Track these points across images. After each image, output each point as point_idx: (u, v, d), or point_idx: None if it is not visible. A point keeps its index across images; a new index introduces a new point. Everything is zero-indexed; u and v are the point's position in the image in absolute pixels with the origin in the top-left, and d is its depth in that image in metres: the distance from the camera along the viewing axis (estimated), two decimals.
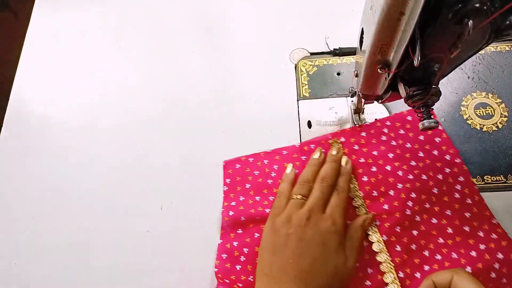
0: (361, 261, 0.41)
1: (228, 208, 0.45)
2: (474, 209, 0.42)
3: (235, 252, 0.43)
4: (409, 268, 0.40)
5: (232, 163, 0.48)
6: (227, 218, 0.45)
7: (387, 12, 0.25)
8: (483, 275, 0.39)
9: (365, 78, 0.36)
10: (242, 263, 0.42)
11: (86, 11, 0.62)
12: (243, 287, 0.41)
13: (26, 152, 0.51)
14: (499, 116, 0.48)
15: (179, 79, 0.55)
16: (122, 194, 0.48)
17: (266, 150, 0.49)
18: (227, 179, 0.48)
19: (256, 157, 0.49)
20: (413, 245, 0.41)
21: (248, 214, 0.44)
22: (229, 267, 0.42)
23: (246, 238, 0.43)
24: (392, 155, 0.45)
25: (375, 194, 0.44)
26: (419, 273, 0.40)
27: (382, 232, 0.42)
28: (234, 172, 0.48)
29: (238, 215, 0.44)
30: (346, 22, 0.57)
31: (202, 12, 0.61)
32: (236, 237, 0.44)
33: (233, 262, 0.42)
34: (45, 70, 0.57)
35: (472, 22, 0.21)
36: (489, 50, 0.52)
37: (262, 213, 0.44)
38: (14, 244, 0.46)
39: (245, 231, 0.44)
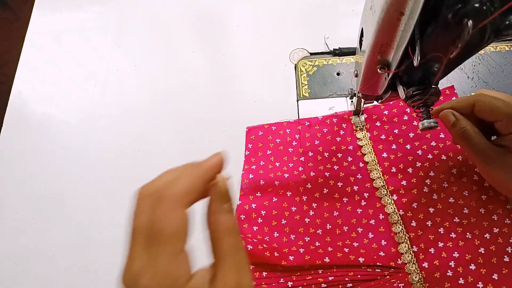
0: (376, 233, 0.42)
1: (248, 171, 0.47)
2: (491, 193, 0.43)
3: (253, 214, 0.44)
4: (423, 243, 0.41)
5: (255, 129, 0.50)
6: (247, 181, 0.46)
7: (386, 12, 0.25)
8: (497, 258, 0.39)
9: (364, 78, 0.36)
10: (259, 224, 0.44)
11: (86, 11, 0.62)
12: (257, 243, 0.42)
13: (26, 152, 0.51)
14: None
15: (179, 79, 0.55)
16: (122, 194, 0.48)
17: (289, 119, 0.51)
18: (250, 144, 0.50)
19: (278, 126, 0.50)
20: (428, 222, 0.42)
21: (267, 178, 0.46)
22: (246, 227, 0.44)
23: (264, 201, 0.45)
24: (412, 135, 0.47)
25: (394, 171, 0.45)
26: (433, 249, 0.41)
27: (399, 207, 0.43)
28: (256, 138, 0.50)
29: (257, 179, 0.46)
30: (346, 22, 0.57)
31: (202, 12, 0.61)
32: (254, 200, 0.45)
33: (251, 223, 0.44)
34: (45, 70, 0.57)
35: (472, 22, 0.21)
36: (489, 50, 0.52)
37: (281, 178, 0.46)
38: (14, 244, 0.46)
39: (263, 195, 0.46)
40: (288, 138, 0.49)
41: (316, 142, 0.48)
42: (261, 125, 0.51)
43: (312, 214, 0.44)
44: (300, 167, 0.47)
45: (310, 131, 0.49)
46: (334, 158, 0.47)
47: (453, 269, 0.39)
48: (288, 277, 0.40)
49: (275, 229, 0.44)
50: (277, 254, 0.41)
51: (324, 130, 0.49)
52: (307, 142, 0.48)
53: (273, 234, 0.43)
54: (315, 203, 0.45)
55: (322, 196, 0.45)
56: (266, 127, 0.50)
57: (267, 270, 0.41)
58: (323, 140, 0.48)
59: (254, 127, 0.51)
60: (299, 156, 0.48)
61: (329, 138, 0.48)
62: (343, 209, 0.44)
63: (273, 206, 0.45)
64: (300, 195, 0.45)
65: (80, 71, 0.57)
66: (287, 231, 0.44)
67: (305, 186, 0.46)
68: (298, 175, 0.46)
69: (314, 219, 0.44)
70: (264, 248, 0.41)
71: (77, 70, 0.57)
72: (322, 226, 0.43)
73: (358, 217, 0.44)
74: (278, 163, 0.48)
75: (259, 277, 0.41)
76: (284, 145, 0.49)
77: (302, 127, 0.50)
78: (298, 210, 0.45)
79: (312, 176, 0.46)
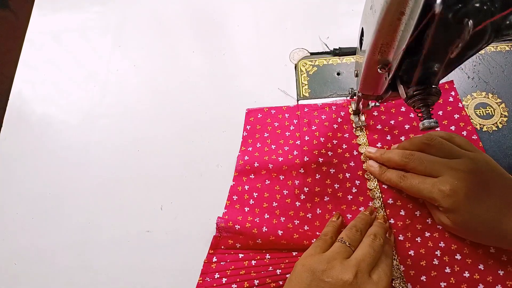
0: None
1: (244, 153, 0.48)
2: None
3: (245, 195, 0.46)
4: (410, 232, 0.42)
5: (255, 112, 0.51)
6: (242, 162, 0.47)
7: (387, 12, 0.26)
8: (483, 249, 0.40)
9: (365, 78, 0.36)
10: (251, 206, 0.45)
11: (86, 11, 0.62)
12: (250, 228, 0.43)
13: (26, 152, 0.51)
14: (499, 116, 0.48)
15: (179, 79, 0.55)
16: (122, 194, 0.48)
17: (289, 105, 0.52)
18: (248, 125, 0.51)
19: (278, 110, 0.51)
20: (417, 212, 0.42)
21: (262, 161, 0.47)
22: (238, 208, 0.45)
23: (257, 184, 0.46)
24: (408, 127, 0.48)
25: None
26: (419, 238, 0.41)
27: (388, 196, 0.44)
28: (255, 120, 0.51)
29: (252, 161, 0.47)
30: (346, 22, 0.57)
31: (202, 12, 0.61)
32: (248, 181, 0.47)
33: (243, 204, 0.45)
34: (45, 70, 0.57)
35: (472, 22, 0.21)
36: (489, 50, 0.52)
37: (275, 162, 0.47)
38: (14, 244, 0.46)
39: (257, 177, 0.47)
40: (286, 122, 0.50)
41: (313, 128, 0.49)
42: (261, 108, 0.52)
43: (303, 199, 0.45)
44: (295, 151, 0.48)
45: (308, 117, 0.50)
46: (329, 144, 0.48)
47: (439, 258, 0.40)
48: (277, 265, 0.41)
49: (265, 211, 0.45)
50: (266, 229, 0.42)
51: (322, 117, 0.50)
52: (304, 127, 0.49)
53: (263, 215, 0.44)
54: (306, 188, 0.45)
55: (314, 182, 0.46)
56: (265, 110, 0.51)
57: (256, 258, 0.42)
58: (321, 126, 0.49)
59: (253, 109, 0.52)
60: (295, 140, 0.49)
61: (327, 124, 0.49)
62: (334, 195, 0.45)
63: (265, 189, 0.46)
64: (293, 179, 0.46)
65: (80, 71, 0.57)
66: (277, 214, 0.45)
67: (298, 171, 0.47)
68: (292, 160, 0.47)
69: (305, 203, 0.45)
70: (252, 226, 0.43)
71: (77, 70, 0.57)
72: (312, 211, 0.44)
73: (348, 204, 0.44)
74: (274, 146, 0.49)
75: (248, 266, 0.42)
76: (282, 129, 0.50)
77: (301, 112, 0.51)
78: (290, 194, 0.45)
79: (306, 161, 0.47)
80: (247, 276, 0.40)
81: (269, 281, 0.40)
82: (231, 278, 0.41)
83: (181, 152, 0.50)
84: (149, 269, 0.44)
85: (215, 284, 0.41)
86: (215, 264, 0.42)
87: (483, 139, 0.46)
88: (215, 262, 0.42)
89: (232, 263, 0.42)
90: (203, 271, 0.42)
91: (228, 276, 0.41)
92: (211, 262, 0.42)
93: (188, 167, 0.49)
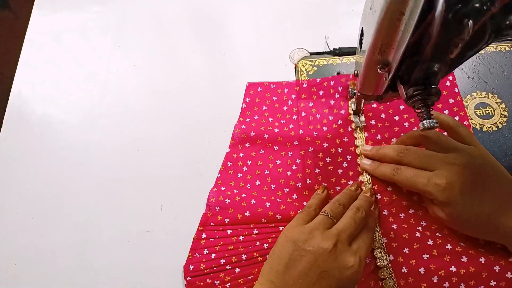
0: None
1: (241, 123, 0.50)
2: None
3: (239, 162, 0.48)
4: (395, 208, 0.43)
5: (255, 85, 0.53)
6: (239, 130, 0.49)
7: (387, 12, 0.26)
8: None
9: (364, 78, 0.36)
10: (244, 172, 0.47)
11: (86, 11, 0.62)
12: (240, 201, 0.44)
13: (26, 152, 0.51)
14: (499, 116, 0.48)
15: (179, 79, 0.55)
16: (122, 194, 0.48)
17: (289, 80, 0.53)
18: (247, 98, 0.52)
19: (277, 85, 0.53)
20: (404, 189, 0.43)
21: (258, 131, 0.49)
22: (232, 173, 0.47)
23: (252, 152, 0.48)
24: (403, 107, 0.49)
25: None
26: (403, 214, 0.43)
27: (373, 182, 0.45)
28: (254, 94, 0.53)
29: (249, 130, 0.49)
30: (346, 22, 0.57)
31: (202, 12, 0.61)
32: (243, 149, 0.49)
33: (236, 170, 0.47)
34: (45, 70, 0.57)
35: (472, 22, 0.21)
36: (489, 50, 0.52)
37: (271, 133, 0.49)
38: (14, 244, 0.46)
39: (252, 146, 0.49)
40: (284, 97, 0.52)
41: (310, 104, 0.50)
42: (261, 82, 0.53)
43: (294, 169, 0.47)
44: (291, 125, 0.49)
45: (307, 92, 0.51)
46: (324, 120, 0.49)
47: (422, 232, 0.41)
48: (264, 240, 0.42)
49: (257, 178, 0.47)
50: (254, 201, 0.44)
51: (320, 93, 0.51)
52: (302, 102, 0.50)
53: (255, 182, 0.46)
54: (299, 159, 0.47)
55: (306, 154, 0.47)
56: (265, 84, 0.53)
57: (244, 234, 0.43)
58: (318, 102, 0.50)
59: (254, 83, 0.53)
60: (292, 115, 0.50)
61: (323, 100, 0.50)
62: (325, 168, 0.46)
63: (259, 157, 0.48)
64: (286, 151, 0.48)
65: (80, 71, 0.57)
66: (268, 181, 0.46)
67: (292, 143, 0.48)
68: (288, 132, 0.49)
69: (296, 173, 0.46)
70: (241, 199, 0.45)
71: (77, 70, 0.57)
72: (302, 180, 0.46)
73: (338, 177, 0.46)
74: (271, 118, 0.50)
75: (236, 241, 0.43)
76: (280, 103, 0.51)
77: (300, 88, 0.52)
78: (282, 164, 0.47)
79: (301, 135, 0.48)
80: (235, 251, 0.42)
81: (257, 255, 0.41)
82: (219, 253, 0.42)
83: (181, 152, 0.50)
84: (149, 269, 0.44)
85: (204, 259, 0.42)
86: (204, 241, 0.44)
87: (483, 139, 0.46)
88: (204, 239, 0.44)
89: (220, 239, 0.43)
90: (192, 247, 0.43)
91: (217, 252, 0.42)
92: (200, 238, 0.44)
93: (188, 167, 0.49)
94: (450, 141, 0.40)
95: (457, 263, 0.39)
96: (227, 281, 0.41)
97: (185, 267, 0.42)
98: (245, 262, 0.41)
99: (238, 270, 0.41)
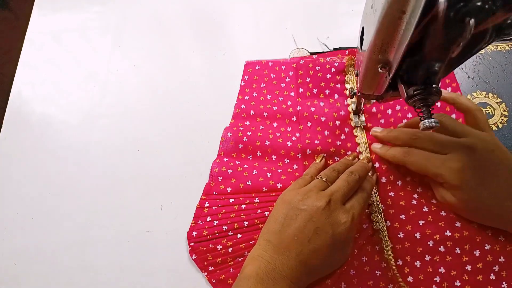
0: None
1: (241, 102, 0.52)
2: None
3: (239, 134, 0.49)
4: (392, 175, 0.44)
5: (253, 63, 0.54)
6: (239, 110, 0.51)
7: (388, 11, 0.25)
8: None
9: (365, 78, 0.36)
10: (245, 143, 0.48)
11: (86, 11, 0.62)
12: (242, 171, 0.46)
13: (26, 152, 0.51)
14: (499, 116, 0.48)
15: (179, 79, 0.55)
16: (122, 194, 0.48)
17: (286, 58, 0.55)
18: (246, 76, 0.54)
19: (275, 63, 0.54)
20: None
21: (257, 109, 0.51)
22: (232, 144, 0.48)
23: (251, 127, 0.49)
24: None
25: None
26: (400, 181, 0.44)
27: (374, 141, 0.46)
28: (253, 71, 0.54)
29: (248, 109, 0.51)
30: (346, 21, 0.57)
31: (202, 12, 0.61)
32: (243, 126, 0.50)
33: (237, 142, 0.48)
34: (45, 70, 0.57)
35: (474, 21, 0.21)
36: (489, 50, 0.52)
37: (270, 110, 0.50)
38: (14, 244, 0.46)
39: (251, 123, 0.50)
40: (282, 74, 0.53)
41: (307, 79, 0.51)
42: (260, 60, 0.54)
43: (294, 140, 0.48)
44: (289, 102, 0.51)
45: (304, 69, 0.52)
46: (321, 95, 0.51)
47: (417, 200, 0.42)
48: (265, 208, 0.44)
49: (258, 149, 0.48)
50: (256, 172, 0.46)
51: (316, 68, 0.52)
52: (299, 79, 0.52)
53: (256, 153, 0.48)
54: (298, 133, 0.48)
55: (305, 128, 0.48)
56: (263, 62, 0.54)
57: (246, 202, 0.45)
58: (314, 77, 0.51)
59: (252, 61, 0.54)
60: (290, 92, 0.52)
61: (320, 75, 0.51)
62: (323, 140, 0.47)
63: (259, 131, 0.49)
64: (285, 126, 0.49)
65: (80, 71, 0.57)
66: (269, 152, 0.48)
67: (290, 119, 0.50)
68: (286, 109, 0.50)
69: (296, 144, 0.48)
70: (243, 170, 0.46)
71: (77, 70, 0.57)
72: (302, 151, 0.47)
73: (337, 148, 0.47)
74: (269, 96, 0.52)
75: (238, 209, 0.44)
76: (278, 81, 0.52)
77: (297, 64, 0.53)
78: (282, 136, 0.48)
79: (299, 110, 0.50)
80: (237, 218, 0.44)
81: (258, 222, 0.43)
82: (222, 220, 0.44)
83: (181, 152, 0.50)
84: (149, 269, 0.44)
85: (206, 226, 0.44)
86: (207, 209, 0.45)
87: None
88: (207, 207, 0.45)
89: (223, 207, 0.45)
90: (195, 215, 0.45)
91: (219, 219, 0.44)
92: (203, 207, 0.45)
93: (188, 167, 0.49)
94: (463, 126, 0.40)
95: (451, 228, 0.40)
96: (229, 246, 0.42)
97: (188, 233, 0.44)
98: (246, 229, 0.43)
99: (239, 236, 0.43)
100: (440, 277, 0.39)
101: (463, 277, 0.39)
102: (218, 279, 0.41)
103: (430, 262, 0.40)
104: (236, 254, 0.42)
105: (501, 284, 0.39)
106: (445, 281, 0.39)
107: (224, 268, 0.42)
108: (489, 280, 0.39)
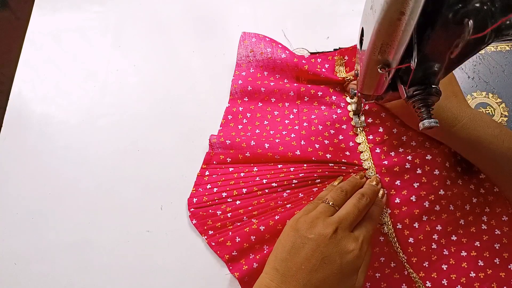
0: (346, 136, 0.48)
1: (238, 77, 0.52)
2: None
3: (239, 115, 0.50)
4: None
5: (250, 36, 0.54)
6: (236, 86, 0.52)
7: (387, 11, 0.25)
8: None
9: (365, 78, 0.36)
10: (244, 124, 0.50)
11: (86, 11, 0.62)
12: (240, 142, 0.47)
13: (26, 152, 0.51)
14: (499, 116, 0.48)
15: (179, 79, 0.55)
16: (122, 194, 0.48)
17: None
18: (241, 50, 0.53)
19: (272, 40, 0.54)
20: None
21: (255, 85, 0.51)
22: (233, 126, 0.50)
23: (250, 105, 0.51)
24: None
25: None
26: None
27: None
28: (249, 44, 0.54)
29: (246, 85, 0.51)
30: (347, 22, 0.57)
31: (202, 12, 0.61)
32: (242, 104, 0.51)
33: (237, 123, 0.50)
34: (45, 70, 0.57)
35: (472, 22, 0.21)
36: (489, 50, 0.52)
37: (267, 86, 0.51)
38: (14, 244, 0.46)
39: (250, 100, 0.51)
40: (278, 50, 0.52)
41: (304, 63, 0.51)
42: (256, 33, 0.54)
43: (292, 118, 0.49)
44: (285, 79, 0.52)
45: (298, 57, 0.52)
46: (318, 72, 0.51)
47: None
48: (263, 176, 0.45)
49: (257, 127, 0.49)
50: (254, 143, 0.47)
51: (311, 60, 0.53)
52: (295, 58, 0.52)
53: (255, 130, 0.49)
54: (295, 109, 0.50)
55: (302, 103, 0.50)
56: (260, 36, 0.54)
57: (245, 171, 0.46)
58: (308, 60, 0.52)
59: (249, 33, 0.54)
60: (286, 69, 0.52)
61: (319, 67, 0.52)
62: (320, 114, 0.48)
63: (257, 110, 0.50)
64: (283, 102, 0.50)
65: (80, 71, 0.57)
66: (267, 129, 0.49)
67: (288, 94, 0.50)
68: (283, 85, 0.51)
69: (294, 120, 0.49)
70: (241, 140, 0.47)
71: (77, 70, 0.57)
72: (299, 124, 0.48)
73: (332, 121, 0.48)
74: (266, 72, 0.52)
75: (237, 177, 0.46)
76: (274, 55, 0.52)
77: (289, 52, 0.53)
78: (280, 114, 0.50)
79: (295, 86, 0.50)
80: (236, 185, 0.45)
81: (256, 189, 0.45)
82: (221, 188, 0.45)
83: (181, 152, 0.50)
84: (149, 269, 0.44)
85: (207, 193, 0.45)
86: (207, 177, 0.47)
87: None
88: (207, 175, 0.47)
89: (222, 176, 0.46)
90: (196, 183, 0.46)
91: (219, 186, 0.46)
92: (204, 175, 0.47)
93: (188, 167, 0.49)
94: None
95: (444, 186, 0.42)
96: (228, 211, 0.44)
97: (189, 200, 0.45)
98: (245, 195, 0.45)
99: (238, 202, 0.44)
100: (438, 235, 0.42)
101: (458, 231, 0.42)
102: (217, 242, 0.43)
103: (428, 222, 0.42)
104: (235, 219, 0.44)
105: (494, 231, 0.42)
106: (442, 238, 0.42)
107: (223, 232, 0.43)
108: (481, 230, 0.42)
